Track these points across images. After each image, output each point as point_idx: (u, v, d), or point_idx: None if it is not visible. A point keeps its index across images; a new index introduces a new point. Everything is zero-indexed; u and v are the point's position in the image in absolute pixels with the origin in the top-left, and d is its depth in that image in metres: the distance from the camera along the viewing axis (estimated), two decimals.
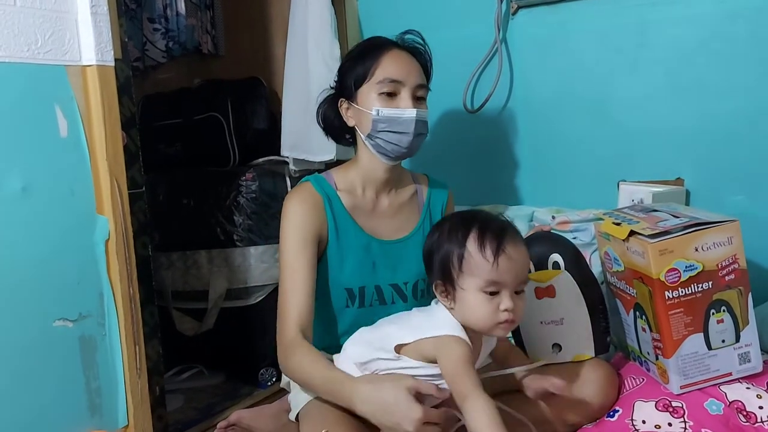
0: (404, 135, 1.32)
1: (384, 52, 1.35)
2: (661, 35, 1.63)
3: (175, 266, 1.97)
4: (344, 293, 1.35)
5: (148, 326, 1.35)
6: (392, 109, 1.32)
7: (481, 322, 1.10)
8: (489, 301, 1.08)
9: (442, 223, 1.20)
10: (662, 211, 1.28)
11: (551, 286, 1.31)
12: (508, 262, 1.08)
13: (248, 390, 1.85)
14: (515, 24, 1.81)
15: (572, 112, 1.76)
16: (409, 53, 1.38)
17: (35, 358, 1.16)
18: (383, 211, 1.41)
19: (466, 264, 1.10)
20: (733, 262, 1.20)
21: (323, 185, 1.38)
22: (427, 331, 1.12)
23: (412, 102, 1.33)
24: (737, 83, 1.56)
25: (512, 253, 1.09)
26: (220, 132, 1.94)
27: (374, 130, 1.33)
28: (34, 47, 1.15)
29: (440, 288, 1.14)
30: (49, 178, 1.18)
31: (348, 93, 1.38)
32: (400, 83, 1.33)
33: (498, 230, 1.11)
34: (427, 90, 1.39)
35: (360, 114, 1.36)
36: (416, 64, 1.38)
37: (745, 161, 1.57)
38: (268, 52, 2.12)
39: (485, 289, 1.08)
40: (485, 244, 1.09)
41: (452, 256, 1.11)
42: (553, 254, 1.31)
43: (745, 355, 1.23)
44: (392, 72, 1.33)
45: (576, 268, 1.32)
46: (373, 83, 1.33)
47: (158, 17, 2.15)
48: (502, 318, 1.08)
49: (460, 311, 1.12)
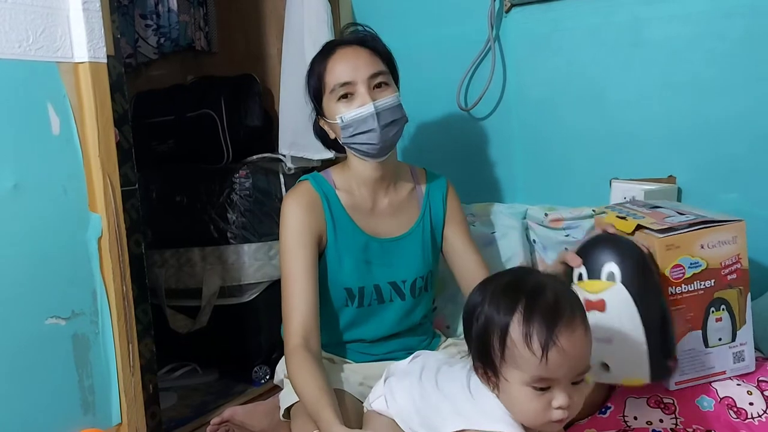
0: (371, 132, 1.29)
1: (328, 58, 1.32)
2: (654, 33, 1.64)
3: (168, 264, 1.96)
4: (343, 293, 1.35)
5: (141, 324, 1.34)
6: (352, 111, 1.29)
7: (530, 419, 0.93)
8: (538, 397, 0.90)
9: (488, 282, 0.98)
10: (666, 208, 1.28)
11: (602, 300, 1.13)
12: (560, 356, 0.88)
13: (242, 388, 1.85)
14: (509, 22, 1.82)
15: (565, 109, 1.77)
16: (356, 44, 1.34)
17: (27, 356, 1.16)
18: (383, 209, 1.40)
19: (509, 353, 0.90)
20: (736, 261, 1.21)
21: (322, 184, 1.37)
22: (477, 420, 0.96)
23: (369, 95, 1.28)
24: (730, 82, 1.56)
25: (566, 345, 0.88)
26: (213, 129, 1.94)
27: (345, 137, 1.31)
28: (25, 44, 1.15)
29: (480, 371, 0.96)
30: (42, 175, 1.18)
31: (317, 110, 1.37)
32: (352, 83, 1.29)
33: (549, 312, 0.89)
34: (386, 75, 1.32)
35: (331, 126, 1.35)
36: (365, 53, 1.32)
37: (738, 159, 1.57)
38: (261, 49, 2.11)
39: (533, 384, 0.90)
40: (532, 333, 0.88)
41: (492, 339, 0.91)
42: (610, 263, 1.14)
43: (740, 354, 1.24)
44: (339, 75, 1.29)
45: (636, 282, 1.13)
46: (328, 93, 1.31)
47: (150, 13, 2.14)
48: (555, 417, 0.90)
49: (505, 401, 0.95)
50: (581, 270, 1.16)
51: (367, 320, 1.36)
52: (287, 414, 1.33)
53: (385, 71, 1.33)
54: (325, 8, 1.80)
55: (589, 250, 1.17)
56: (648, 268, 1.15)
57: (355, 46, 1.33)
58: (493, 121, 1.87)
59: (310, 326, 1.26)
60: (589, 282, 1.16)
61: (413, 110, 1.93)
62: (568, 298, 0.93)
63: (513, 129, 1.85)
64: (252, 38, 2.13)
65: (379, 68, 1.32)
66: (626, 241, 1.18)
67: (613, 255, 1.14)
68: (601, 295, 1.13)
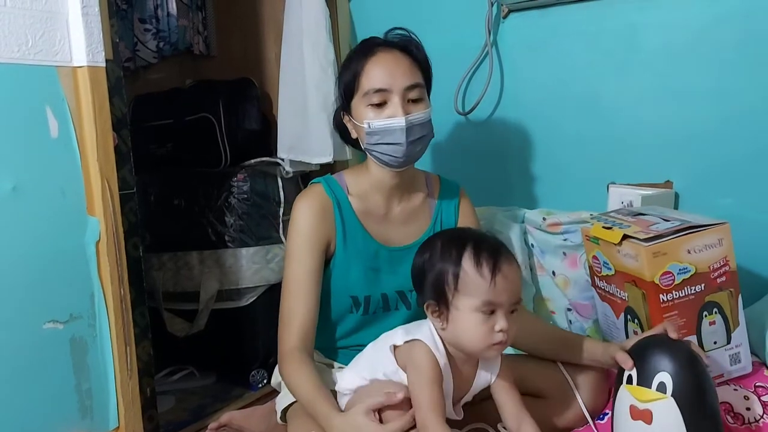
0: (398, 146, 1.26)
1: (368, 58, 1.28)
2: (649, 39, 1.64)
3: (166, 267, 1.96)
4: (349, 300, 1.34)
5: (139, 327, 1.34)
6: (382, 120, 1.26)
7: (475, 342, 1.08)
8: (484, 321, 1.06)
9: (432, 241, 1.16)
10: (651, 215, 1.29)
11: (648, 411, 1.06)
12: (504, 281, 1.06)
13: (239, 391, 1.85)
14: (506, 27, 1.82)
15: (562, 114, 1.78)
16: (398, 50, 1.30)
17: (25, 360, 1.16)
18: (395, 217, 1.37)
19: (462, 283, 1.07)
20: (724, 264, 1.21)
21: (335, 189, 1.34)
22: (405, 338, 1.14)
23: (402, 108, 1.25)
24: (725, 87, 1.57)
25: (508, 273, 1.07)
26: (211, 133, 1.94)
27: (369, 143, 1.29)
28: (24, 48, 1.15)
29: (432, 308, 1.11)
30: (40, 178, 1.18)
31: (344, 106, 1.34)
32: (387, 91, 1.26)
33: (493, 249, 1.09)
34: (422, 89, 1.30)
35: (357, 127, 1.32)
36: (406, 61, 1.29)
37: (733, 164, 1.58)
38: (259, 54, 2.11)
39: (481, 309, 1.06)
40: (482, 262, 1.07)
41: (447, 275, 1.08)
42: (662, 373, 1.07)
43: (736, 356, 1.24)
44: (377, 81, 1.26)
45: (690, 399, 1.05)
46: (361, 96, 1.28)
47: (149, 18, 2.14)
48: (497, 339, 1.07)
49: (452, 332, 1.10)
50: (632, 372, 1.11)
51: (369, 327, 1.35)
52: (284, 417, 1.33)
53: (422, 84, 1.31)
54: (323, 13, 1.81)
55: (643, 353, 1.11)
56: (707, 383, 1.08)
57: (396, 51, 1.30)
58: (491, 125, 1.88)
59: (308, 332, 1.26)
60: (638, 388, 1.09)
61: None
62: (502, 243, 1.13)
63: (510, 133, 1.85)
64: (250, 42, 2.13)
65: (417, 80, 1.29)
66: (684, 348, 1.10)
67: (667, 362, 1.07)
68: (649, 406, 1.06)
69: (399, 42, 1.33)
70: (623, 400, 1.10)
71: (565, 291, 1.68)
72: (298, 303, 1.26)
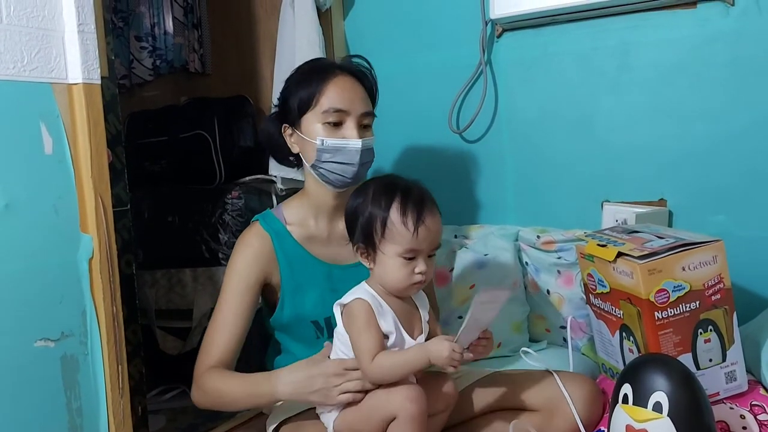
0: (349, 165, 1.29)
1: (329, 78, 1.30)
2: (642, 58, 1.66)
3: (159, 284, 1.95)
4: (311, 326, 1.34)
5: (131, 345, 1.33)
6: (337, 140, 1.29)
7: (397, 283, 1.19)
8: (405, 265, 1.18)
9: (366, 186, 1.24)
10: (645, 233, 1.29)
11: (644, 431, 1.06)
12: (426, 232, 1.17)
13: (231, 411, 1.82)
14: (500, 46, 1.84)
15: (556, 132, 1.79)
16: (355, 78, 1.34)
17: (15, 378, 1.14)
18: (339, 237, 1.36)
19: (388, 232, 1.18)
20: (718, 281, 1.21)
21: (271, 223, 1.36)
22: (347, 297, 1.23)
23: (357, 131, 1.29)
24: (717, 105, 1.59)
25: (430, 224, 1.18)
26: (206, 150, 1.94)
27: (318, 160, 1.30)
28: (20, 65, 1.15)
29: (361, 250, 1.22)
30: (33, 195, 1.17)
31: (291, 119, 1.34)
32: (346, 113, 1.29)
33: (418, 201, 1.18)
34: (372, 117, 1.35)
35: (304, 142, 1.32)
36: (361, 90, 1.34)
37: (726, 182, 1.59)
38: (255, 71, 2.13)
39: (404, 255, 1.17)
40: (407, 214, 1.17)
41: (375, 223, 1.18)
42: (658, 392, 1.06)
43: (731, 373, 1.24)
44: (337, 101, 1.29)
45: (685, 415, 1.05)
46: (318, 112, 1.29)
47: (145, 36, 2.16)
48: (416, 279, 1.18)
49: (378, 272, 1.21)
50: (627, 390, 1.10)
51: None
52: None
53: (373, 114, 1.36)
54: (316, 31, 1.82)
55: (638, 371, 1.10)
56: (703, 403, 1.07)
57: (354, 79, 1.34)
58: (485, 143, 1.89)
59: (227, 363, 1.29)
60: (634, 408, 1.08)
61: (406, 133, 1.96)
62: (428, 195, 1.22)
63: (504, 151, 1.86)
64: (246, 60, 2.14)
65: (370, 109, 1.35)
66: (680, 367, 1.09)
67: (663, 382, 1.06)
68: (646, 426, 1.06)
69: (357, 71, 1.36)
70: (619, 420, 1.09)
71: (559, 309, 1.68)
72: (222, 336, 1.29)
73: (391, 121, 1.98)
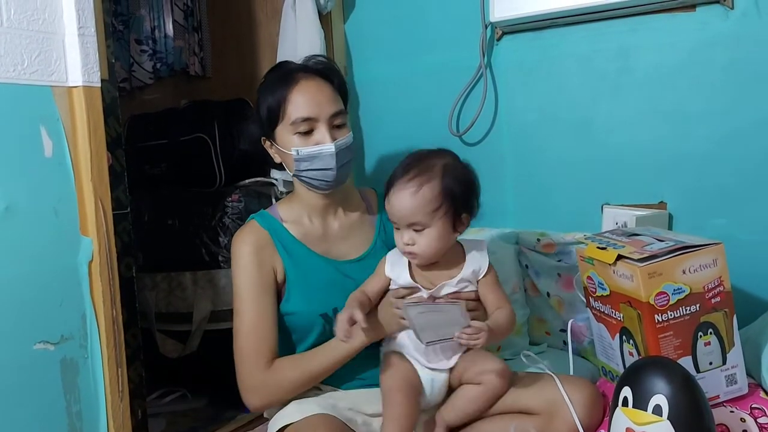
0: (328, 170, 1.30)
1: (292, 86, 1.30)
2: (642, 61, 1.66)
3: (159, 287, 1.95)
4: (320, 320, 1.34)
5: (130, 349, 1.33)
6: (311, 147, 1.29)
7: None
8: (398, 235, 1.27)
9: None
10: (645, 235, 1.29)
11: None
12: (389, 207, 1.25)
13: (231, 414, 1.82)
14: (500, 49, 1.84)
15: (556, 135, 1.79)
16: (320, 77, 1.33)
17: (15, 381, 1.14)
18: (335, 233, 1.40)
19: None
20: (718, 284, 1.21)
21: (268, 220, 1.37)
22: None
23: (329, 135, 1.29)
24: (717, 107, 1.59)
25: (394, 201, 1.24)
26: (206, 153, 1.94)
27: (298, 170, 1.32)
28: (20, 67, 1.15)
29: None
30: (33, 198, 1.17)
31: (266, 132, 1.36)
32: (314, 119, 1.29)
33: (393, 175, 1.26)
34: (345, 114, 1.35)
35: (282, 154, 1.34)
36: (328, 89, 1.33)
37: (726, 185, 1.59)
38: (255, 74, 2.13)
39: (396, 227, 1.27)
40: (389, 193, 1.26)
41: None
42: (658, 395, 1.05)
43: (732, 377, 1.24)
44: (304, 109, 1.29)
45: (686, 418, 1.04)
46: (287, 124, 1.30)
47: (146, 39, 2.16)
48: (407, 249, 1.25)
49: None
50: (627, 393, 1.09)
51: None
52: None
53: (344, 111, 1.35)
54: (318, 34, 1.82)
55: (638, 374, 1.10)
56: (703, 406, 1.07)
57: (318, 79, 1.33)
58: (485, 146, 1.89)
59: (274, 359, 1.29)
60: (634, 411, 1.08)
61: (405, 135, 1.95)
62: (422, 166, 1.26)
63: (504, 154, 1.86)
64: (246, 63, 2.15)
65: (340, 107, 1.33)
66: (680, 370, 1.09)
67: (663, 385, 1.06)
68: (646, 429, 1.06)
69: (319, 69, 1.36)
70: (619, 423, 1.09)
71: (559, 312, 1.68)
72: (259, 339, 1.29)
73: (391, 124, 1.99)
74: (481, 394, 1.26)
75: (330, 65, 1.39)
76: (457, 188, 1.26)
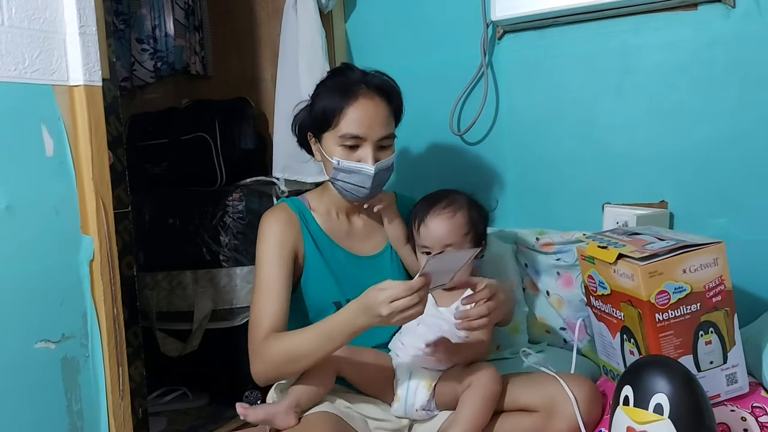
0: (362, 188, 1.34)
1: (351, 100, 1.31)
2: (643, 60, 1.66)
3: (160, 286, 1.95)
4: (333, 308, 1.35)
5: (131, 347, 1.33)
6: (352, 163, 1.32)
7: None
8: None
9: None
10: (646, 234, 1.29)
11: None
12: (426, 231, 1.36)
13: (232, 413, 1.81)
14: (501, 48, 1.84)
15: (557, 135, 1.79)
16: (380, 97, 1.35)
17: (15, 380, 1.14)
18: (357, 232, 1.46)
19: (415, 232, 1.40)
20: (719, 283, 1.21)
21: (299, 206, 1.42)
22: None
23: (372, 156, 1.32)
24: (717, 107, 1.59)
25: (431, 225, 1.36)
26: (207, 152, 1.94)
27: (334, 177, 1.36)
28: (21, 66, 1.15)
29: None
30: (34, 197, 1.18)
31: (315, 131, 1.39)
32: (362, 138, 1.32)
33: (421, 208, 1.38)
34: (393, 137, 1.38)
35: (324, 157, 1.38)
36: (384, 109, 1.34)
37: (727, 184, 1.59)
38: (256, 74, 2.13)
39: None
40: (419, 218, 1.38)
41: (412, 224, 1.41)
42: (659, 394, 1.05)
43: (732, 375, 1.24)
44: (355, 127, 1.31)
45: (687, 417, 1.04)
46: (336, 135, 1.33)
47: (147, 38, 2.16)
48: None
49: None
50: (628, 392, 1.09)
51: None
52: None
53: (393, 134, 1.38)
54: (319, 33, 1.82)
55: (639, 373, 1.10)
56: (704, 404, 1.07)
57: (377, 98, 1.34)
58: (486, 145, 1.88)
59: (280, 330, 1.28)
60: (635, 410, 1.08)
61: (407, 135, 1.95)
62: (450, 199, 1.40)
63: (505, 153, 1.86)
64: (247, 63, 2.15)
65: (390, 131, 1.36)
66: (681, 369, 1.09)
67: (664, 384, 1.06)
68: (647, 428, 1.06)
69: (382, 87, 1.37)
70: (620, 422, 1.09)
71: (559, 311, 1.68)
72: (269, 304, 1.29)
73: None
74: (478, 397, 1.25)
75: (392, 84, 1.40)
76: (478, 219, 1.41)
